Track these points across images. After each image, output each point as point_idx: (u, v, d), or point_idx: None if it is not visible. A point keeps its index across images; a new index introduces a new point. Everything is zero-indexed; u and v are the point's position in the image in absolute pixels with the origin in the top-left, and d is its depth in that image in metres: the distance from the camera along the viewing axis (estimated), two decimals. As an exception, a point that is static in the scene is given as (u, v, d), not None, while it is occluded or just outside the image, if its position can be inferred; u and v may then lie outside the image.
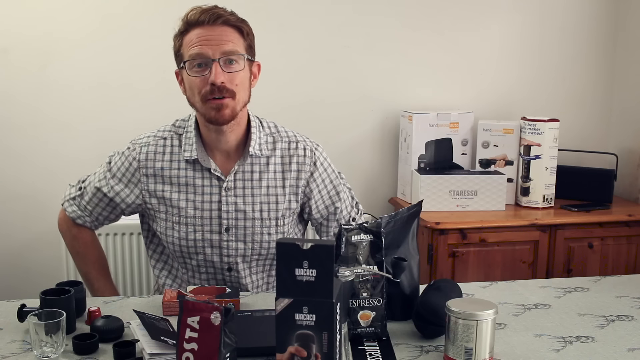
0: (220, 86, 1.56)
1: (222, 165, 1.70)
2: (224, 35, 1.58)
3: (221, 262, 1.72)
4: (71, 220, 1.80)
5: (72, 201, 1.79)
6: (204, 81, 1.57)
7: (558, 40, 2.83)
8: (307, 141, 1.77)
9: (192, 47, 1.58)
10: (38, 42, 2.47)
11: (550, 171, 2.56)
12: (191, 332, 1.11)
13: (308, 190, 1.75)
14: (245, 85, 1.62)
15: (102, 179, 1.74)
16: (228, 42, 1.58)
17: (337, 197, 1.79)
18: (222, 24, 1.58)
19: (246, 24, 1.63)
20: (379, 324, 1.36)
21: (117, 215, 1.78)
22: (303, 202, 1.76)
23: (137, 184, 1.71)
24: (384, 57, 2.71)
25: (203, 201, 1.68)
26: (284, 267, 1.09)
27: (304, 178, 1.74)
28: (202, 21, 1.57)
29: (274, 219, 1.71)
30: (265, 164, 1.71)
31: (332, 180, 1.79)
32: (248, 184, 1.69)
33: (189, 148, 1.68)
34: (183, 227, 1.69)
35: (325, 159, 1.79)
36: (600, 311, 1.53)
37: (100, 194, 1.74)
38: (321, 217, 1.80)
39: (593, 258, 2.50)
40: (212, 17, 1.57)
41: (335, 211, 1.80)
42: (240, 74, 1.60)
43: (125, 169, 1.71)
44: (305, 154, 1.74)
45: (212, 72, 1.56)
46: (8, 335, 1.38)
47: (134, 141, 1.74)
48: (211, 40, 1.57)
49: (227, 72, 1.57)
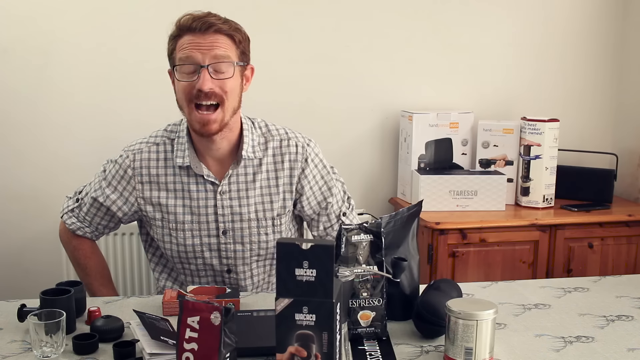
0: (208, 92, 1.55)
1: (215, 170, 1.69)
2: (215, 42, 1.57)
3: (220, 264, 1.72)
4: (71, 232, 1.80)
5: (71, 213, 1.79)
6: (192, 86, 1.56)
7: (558, 40, 2.83)
8: (299, 137, 1.75)
9: (182, 51, 1.57)
10: (38, 42, 2.47)
11: (550, 171, 2.56)
12: (191, 332, 1.11)
13: (300, 186, 1.74)
14: (235, 92, 1.61)
15: (97, 188, 1.73)
16: (219, 47, 1.57)
17: (328, 193, 1.78)
18: (214, 32, 1.57)
19: (239, 31, 1.62)
20: (379, 324, 1.36)
21: (116, 223, 1.78)
22: (295, 198, 1.76)
23: (132, 192, 1.70)
24: (384, 57, 2.71)
25: (199, 206, 1.68)
26: (284, 267, 1.08)
27: (296, 175, 1.73)
28: (193, 28, 1.56)
29: (270, 219, 1.71)
30: (258, 165, 1.70)
31: (324, 176, 1.78)
32: (242, 186, 1.69)
33: (180, 154, 1.67)
34: (180, 232, 1.69)
35: (317, 154, 1.77)
36: (600, 311, 1.53)
37: (97, 204, 1.73)
38: (313, 212, 1.79)
39: (593, 258, 2.49)
40: (204, 25, 1.56)
41: (326, 206, 1.79)
42: (229, 81, 1.58)
43: (120, 177, 1.70)
44: (297, 151, 1.73)
45: (201, 78, 1.55)
46: (8, 335, 1.38)
47: (126, 148, 1.73)
48: (202, 46, 1.56)
49: (216, 79, 1.56)
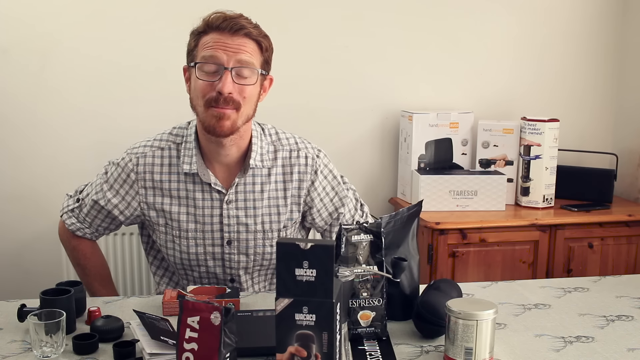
0: (227, 97, 1.51)
1: (223, 178, 1.65)
2: (242, 46, 1.53)
3: (224, 273, 1.69)
4: (71, 232, 1.77)
5: (71, 213, 1.76)
6: (212, 87, 1.52)
7: (558, 40, 2.83)
8: (309, 148, 1.72)
9: (206, 49, 1.52)
10: (36, 44, 2.46)
11: (550, 171, 2.56)
12: (191, 332, 1.11)
13: (309, 199, 1.71)
14: (252, 100, 1.57)
15: (99, 191, 1.70)
16: (245, 52, 1.53)
17: (340, 203, 1.76)
18: (243, 36, 1.53)
19: (267, 39, 1.58)
20: (379, 324, 1.36)
21: (117, 225, 1.75)
22: (304, 210, 1.73)
23: (135, 197, 1.66)
24: (384, 57, 2.71)
25: (204, 215, 1.64)
26: (284, 267, 1.08)
27: (305, 187, 1.70)
28: (223, 27, 1.52)
29: (276, 231, 1.68)
30: (267, 175, 1.67)
31: (334, 187, 1.75)
32: (250, 196, 1.65)
33: (187, 160, 1.63)
34: (184, 240, 1.65)
35: (327, 165, 1.74)
36: (600, 311, 1.53)
37: (98, 207, 1.70)
38: (325, 223, 1.77)
39: (593, 258, 2.49)
40: (235, 26, 1.52)
41: (338, 217, 1.77)
42: (249, 88, 1.54)
43: (122, 180, 1.67)
44: (306, 163, 1.70)
45: (222, 81, 1.50)
46: (8, 335, 1.37)
47: (129, 151, 1.68)
48: (228, 48, 1.52)
49: (238, 84, 1.53)
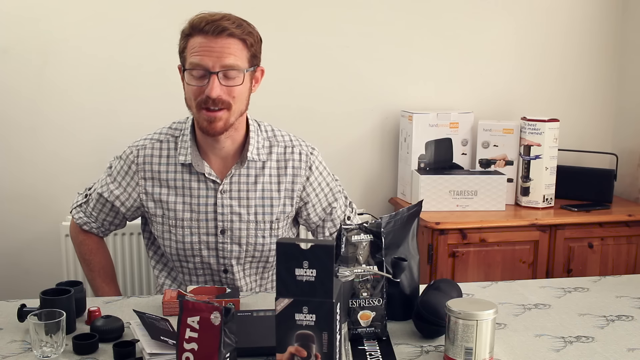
0: (215, 99, 1.55)
1: (218, 169, 1.70)
2: (225, 48, 1.55)
3: (217, 263, 1.72)
4: (78, 227, 1.82)
5: (79, 208, 1.82)
6: (201, 91, 1.56)
7: (558, 40, 2.83)
8: (303, 145, 1.77)
9: (193, 55, 1.56)
10: (38, 43, 2.47)
11: (550, 171, 2.56)
12: (191, 332, 1.11)
13: (305, 194, 1.76)
14: (243, 97, 1.61)
15: (103, 184, 1.76)
16: (230, 55, 1.55)
17: (332, 198, 1.81)
18: (226, 37, 1.55)
19: (252, 34, 1.60)
20: (379, 324, 1.36)
21: (120, 220, 1.80)
22: (299, 206, 1.77)
23: (135, 188, 1.71)
24: (384, 57, 2.71)
25: (199, 204, 1.69)
26: (284, 267, 1.08)
27: (300, 182, 1.74)
28: (206, 30, 1.54)
29: (268, 222, 1.72)
30: (261, 168, 1.71)
31: (329, 183, 1.80)
32: (244, 187, 1.70)
33: (183, 152, 1.68)
34: (179, 230, 1.70)
35: (321, 162, 1.79)
36: (600, 311, 1.53)
37: (103, 200, 1.76)
38: (319, 219, 1.81)
39: (593, 258, 2.49)
40: (217, 29, 1.54)
41: (331, 211, 1.81)
42: (237, 88, 1.58)
43: (124, 172, 1.73)
44: (300, 159, 1.74)
45: (209, 85, 1.54)
46: (8, 335, 1.38)
47: (131, 144, 1.75)
48: (213, 52, 1.54)
49: (225, 86, 1.56)
